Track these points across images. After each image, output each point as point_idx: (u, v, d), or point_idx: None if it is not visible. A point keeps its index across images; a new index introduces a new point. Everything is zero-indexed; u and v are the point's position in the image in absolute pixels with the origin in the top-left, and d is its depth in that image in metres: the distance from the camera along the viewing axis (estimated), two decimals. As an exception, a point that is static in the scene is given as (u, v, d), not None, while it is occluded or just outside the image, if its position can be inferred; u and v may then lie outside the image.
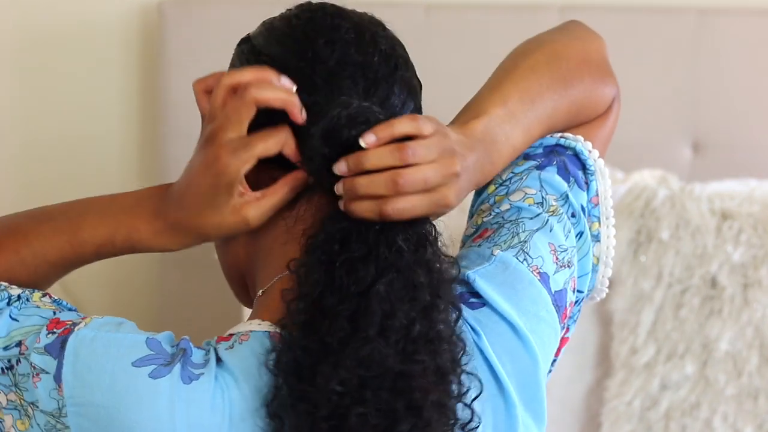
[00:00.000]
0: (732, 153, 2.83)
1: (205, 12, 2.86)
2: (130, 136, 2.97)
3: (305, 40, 1.19)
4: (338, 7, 1.24)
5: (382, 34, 1.23)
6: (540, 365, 1.21)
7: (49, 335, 1.13)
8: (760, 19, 2.84)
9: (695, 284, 2.37)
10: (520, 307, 1.21)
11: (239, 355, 1.12)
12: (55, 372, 1.11)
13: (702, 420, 2.36)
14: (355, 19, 1.23)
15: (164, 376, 1.10)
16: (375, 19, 1.25)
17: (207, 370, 1.11)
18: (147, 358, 1.10)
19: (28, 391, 1.13)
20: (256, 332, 1.14)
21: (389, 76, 1.20)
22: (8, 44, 2.94)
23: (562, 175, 1.30)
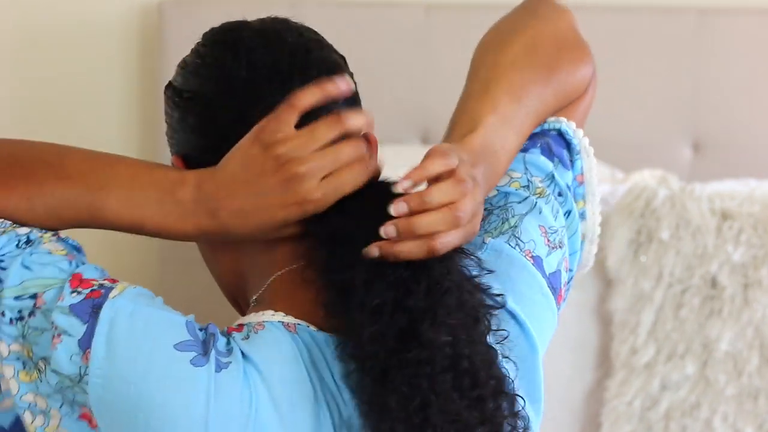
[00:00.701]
0: (732, 153, 2.83)
1: (205, 12, 2.86)
2: (130, 136, 2.97)
3: (214, 64, 1.21)
4: (237, 22, 1.26)
5: (286, 28, 1.23)
6: (538, 352, 1.22)
7: (75, 294, 1.10)
8: (760, 19, 2.85)
9: (695, 284, 2.37)
10: (516, 293, 1.21)
11: (257, 345, 1.13)
12: (83, 337, 1.08)
13: (702, 420, 2.36)
14: (256, 26, 1.24)
15: (203, 365, 1.09)
16: (277, 18, 1.26)
17: (234, 359, 1.11)
18: (188, 344, 1.10)
19: (39, 345, 1.10)
20: (270, 322, 1.15)
21: (303, 63, 1.19)
22: (8, 44, 2.94)
23: (546, 155, 1.31)
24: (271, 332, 1.14)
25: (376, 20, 2.79)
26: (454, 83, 3.10)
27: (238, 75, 1.20)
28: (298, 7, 1.66)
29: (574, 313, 2.43)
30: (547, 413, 2.55)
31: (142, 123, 2.96)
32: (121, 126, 2.97)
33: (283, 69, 1.19)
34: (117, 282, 1.13)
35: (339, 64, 1.23)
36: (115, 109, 2.96)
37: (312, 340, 1.14)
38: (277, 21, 1.25)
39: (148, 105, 2.94)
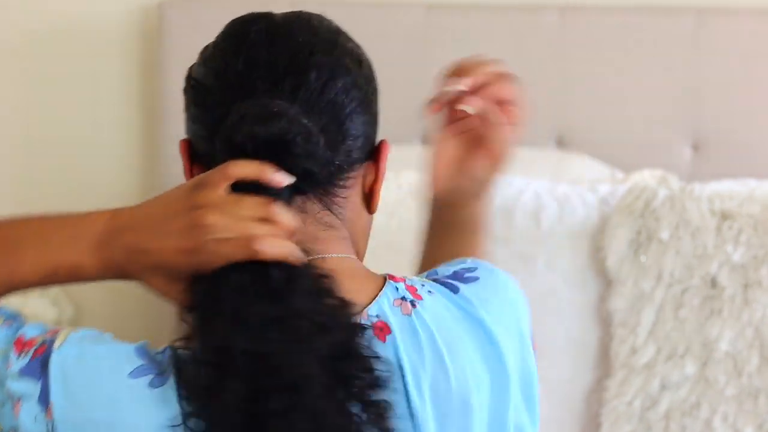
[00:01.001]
0: (732, 153, 2.83)
1: (205, 12, 2.86)
2: (130, 136, 2.97)
3: (220, 56, 1.21)
4: (256, 15, 1.25)
5: (303, 25, 1.23)
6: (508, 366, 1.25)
7: (22, 357, 1.10)
8: (760, 19, 2.85)
9: (695, 284, 2.37)
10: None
11: None
12: (40, 395, 1.09)
13: (702, 420, 2.36)
14: (272, 20, 1.23)
15: (162, 385, 1.09)
16: (302, 13, 1.25)
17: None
18: (141, 369, 1.10)
19: (4, 417, 1.10)
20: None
21: (303, 64, 1.18)
22: (8, 44, 2.94)
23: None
24: None
25: (376, 20, 2.79)
26: (454, 83, 3.07)
27: (235, 69, 1.19)
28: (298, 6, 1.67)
29: (574, 313, 2.43)
30: (547, 413, 2.56)
31: (142, 122, 2.96)
32: (121, 126, 2.97)
33: (279, 68, 1.18)
34: (58, 332, 1.13)
35: (344, 69, 1.21)
36: (115, 109, 2.96)
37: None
38: (299, 17, 1.25)
39: (148, 104, 2.94)
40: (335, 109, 1.19)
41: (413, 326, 1.18)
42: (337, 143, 1.19)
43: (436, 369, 1.18)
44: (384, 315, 1.18)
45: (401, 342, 1.17)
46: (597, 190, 2.47)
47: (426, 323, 1.19)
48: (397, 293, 1.20)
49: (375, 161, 1.25)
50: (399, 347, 1.17)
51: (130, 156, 2.96)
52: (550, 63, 2.84)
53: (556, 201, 2.45)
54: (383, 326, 1.17)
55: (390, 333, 1.17)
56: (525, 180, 2.49)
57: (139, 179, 2.95)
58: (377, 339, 1.16)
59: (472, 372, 1.20)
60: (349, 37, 1.26)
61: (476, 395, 1.20)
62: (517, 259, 2.43)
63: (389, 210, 2.50)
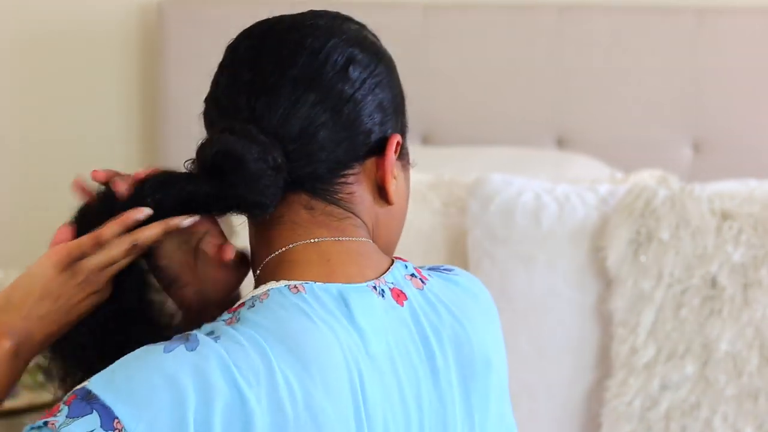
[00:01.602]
0: (732, 153, 2.83)
1: (205, 12, 2.86)
2: (130, 136, 2.97)
3: (219, 69, 1.28)
4: (256, 25, 1.29)
5: (291, 36, 1.26)
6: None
7: (59, 414, 1.12)
8: (760, 18, 2.85)
9: (695, 284, 2.37)
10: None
11: (263, 310, 1.18)
12: (102, 422, 1.11)
13: (702, 420, 2.36)
14: (264, 32, 1.28)
15: (199, 342, 1.14)
16: (303, 19, 1.29)
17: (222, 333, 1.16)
18: (169, 344, 1.14)
19: None
20: (275, 289, 1.20)
21: (277, 82, 1.24)
22: (8, 44, 2.94)
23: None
24: (275, 298, 1.19)
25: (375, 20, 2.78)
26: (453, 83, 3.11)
27: (223, 86, 1.26)
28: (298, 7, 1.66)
29: (574, 313, 2.43)
30: (547, 413, 2.56)
31: (143, 122, 2.96)
32: (121, 125, 2.97)
33: (256, 88, 1.24)
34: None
35: (322, 80, 1.24)
36: (115, 109, 2.96)
37: (323, 291, 1.20)
38: (296, 25, 1.28)
39: (148, 104, 2.94)
40: (306, 121, 1.23)
41: (427, 297, 1.27)
42: (314, 153, 1.23)
43: (456, 330, 1.26)
44: (399, 284, 1.26)
45: (419, 307, 1.25)
46: (597, 190, 2.47)
47: (438, 295, 1.28)
48: (406, 270, 1.28)
49: (382, 155, 1.27)
50: (417, 311, 1.25)
51: (130, 155, 2.96)
52: (549, 63, 2.84)
53: (556, 201, 2.45)
54: (399, 293, 1.25)
55: (407, 299, 1.25)
56: (525, 180, 2.49)
57: (138, 179, 2.95)
58: (396, 302, 1.24)
59: (487, 337, 1.29)
60: (343, 35, 1.28)
61: (494, 357, 1.29)
62: (517, 259, 2.43)
63: (389, 210, 2.50)
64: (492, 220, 2.45)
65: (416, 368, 1.22)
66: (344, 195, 1.25)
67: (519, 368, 2.41)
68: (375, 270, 1.26)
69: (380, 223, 1.29)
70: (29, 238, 2.99)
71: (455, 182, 2.59)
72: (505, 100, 2.85)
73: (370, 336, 1.20)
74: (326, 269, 1.23)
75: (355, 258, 1.25)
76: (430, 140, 2.86)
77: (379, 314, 1.22)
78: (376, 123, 1.26)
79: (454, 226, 2.54)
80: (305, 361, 1.15)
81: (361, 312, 1.20)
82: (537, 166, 2.70)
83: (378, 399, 1.18)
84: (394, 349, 1.21)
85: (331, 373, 1.16)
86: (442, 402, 1.24)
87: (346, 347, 1.18)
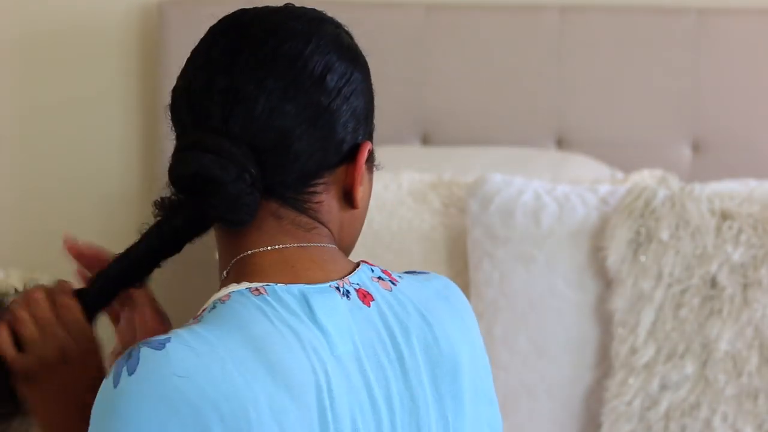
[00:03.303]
0: (732, 153, 2.83)
1: (205, 12, 2.85)
2: (130, 136, 2.97)
3: (190, 70, 1.27)
4: (226, 24, 1.31)
5: (267, 37, 1.25)
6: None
7: None
8: (760, 19, 2.85)
9: (695, 284, 2.37)
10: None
11: (222, 313, 1.19)
12: None
13: (702, 420, 2.36)
14: (237, 33, 1.28)
15: (140, 361, 1.14)
16: (275, 17, 1.28)
17: (172, 334, 1.16)
18: (115, 372, 1.15)
19: None
20: (236, 291, 1.20)
21: (253, 91, 1.23)
22: (8, 44, 2.94)
23: None
24: (236, 299, 1.19)
25: (376, 20, 2.79)
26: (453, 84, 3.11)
27: (195, 90, 1.25)
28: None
29: (574, 313, 2.43)
30: (547, 413, 2.56)
31: (143, 122, 2.96)
32: (122, 126, 2.97)
33: (230, 95, 1.23)
34: None
35: (299, 87, 1.23)
36: (116, 109, 2.96)
37: (285, 293, 1.20)
38: (270, 23, 1.27)
39: (148, 104, 2.94)
40: (282, 133, 1.22)
41: (396, 297, 1.26)
42: (288, 163, 1.23)
43: (424, 331, 1.25)
44: (364, 285, 1.25)
45: (387, 308, 1.25)
46: (597, 190, 2.47)
47: (408, 296, 1.27)
48: (373, 273, 1.27)
49: (353, 162, 1.27)
50: (385, 312, 1.24)
51: (130, 155, 2.96)
52: (549, 63, 2.84)
53: (556, 201, 2.45)
54: (366, 293, 1.24)
55: (374, 300, 1.24)
56: (525, 180, 2.49)
57: (138, 179, 2.95)
58: (362, 303, 1.23)
59: (456, 339, 1.27)
60: (321, 40, 1.26)
61: (464, 359, 1.27)
62: (517, 259, 2.43)
63: (389, 210, 2.50)
64: (492, 220, 2.45)
65: (385, 369, 1.22)
66: (313, 204, 1.25)
67: (519, 368, 2.41)
68: (340, 273, 1.25)
69: (344, 227, 1.29)
70: (29, 238, 2.99)
71: (455, 182, 2.59)
72: (505, 100, 2.85)
73: (335, 337, 1.20)
74: (290, 275, 1.23)
75: (320, 263, 1.24)
76: (430, 140, 2.86)
77: (344, 314, 1.21)
78: (349, 131, 1.25)
79: (454, 226, 2.53)
80: (267, 364, 1.15)
81: (323, 312, 1.20)
82: (537, 166, 2.70)
83: (345, 400, 1.18)
84: (361, 350, 1.21)
85: (295, 375, 1.16)
86: (415, 402, 1.23)
87: (310, 348, 1.17)
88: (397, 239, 2.45)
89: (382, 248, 2.52)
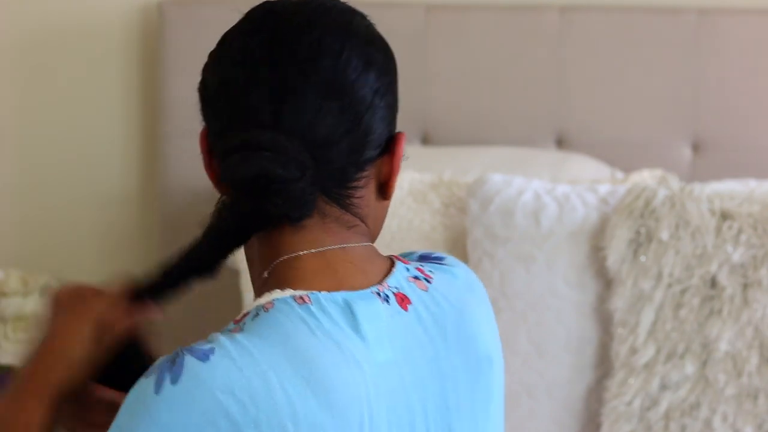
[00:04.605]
0: (732, 153, 2.83)
1: (205, 12, 2.86)
2: (130, 136, 2.97)
3: (228, 63, 1.23)
4: (259, 16, 1.25)
5: (305, 30, 1.23)
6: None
7: None
8: (760, 19, 2.85)
9: (695, 284, 2.37)
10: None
11: (267, 321, 1.16)
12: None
13: (702, 420, 2.36)
14: (274, 26, 1.23)
15: (183, 370, 1.13)
16: (309, 7, 1.25)
17: (215, 343, 1.15)
18: (157, 379, 1.13)
19: None
20: (279, 299, 1.18)
21: (300, 86, 1.20)
22: (8, 44, 2.94)
23: None
24: (280, 308, 1.17)
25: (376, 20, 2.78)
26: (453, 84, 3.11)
27: (237, 83, 1.22)
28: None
29: (574, 313, 2.43)
30: (547, 413, 2.56)
31: (142, 122, 2.96)
32: (122, 126, 2.97)
33: (278, 89, 1.20)
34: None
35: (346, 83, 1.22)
36: (116, 109, 2.96)
37: (329, 301, 1.19)
38: (306, 14, 1.24)
39: (148, 104, 2.94)
40: (330, 127, 1.21)
41: (433, 297, 1.25)
42: (335, 158, 1.22)
43: (461, 330, 1.25)
44: (402, 288, 1.24)
45: (424, 310, 1.24)
46: (597, 190, 2.47)
47: (444, 295, 1.26)
48: (408, 272, 1.27)
49: (390, 154, 1.27)
50: (422, 315, 1.23)
51: (130, 155, 2.96)
52: (549, 63, 2.84)
53: (556, 201, 2.45)
54: (403, 297, 1.24)
55: (411, 303, 1.24)
56: (525, 180, 2.50)
57: (139, 178, 2.95)
58: (400, 308, 1.23)
59: (488, 334, 1.28)
60: (358, 33, 1.26)
61: (495, 355, 1.28)
62: (517, 259, 2.43)
63: (389, 210, 2.50)
64: (492, 220, 2.45)
65: (422, 374, 1.22)
66: (355, 200, 1.24)
67: (519, 368, 2.42)
68: (378, 275, 1.25)
69: (377, 219, 1.30)
70: (29, 238, 2.99)
71: (455, 182, 2.59)
72: (506, 100, 2.85)
73: (375, 345, 1.19)
74: (333, 280, 1.21)
75: (360, 266, 1.24)
76: (430, 140, 2.86)
77: (385, 321, 1.21)
78: (387, 124, 1.26)
79: (454, 226, 2.54)
80: (309, 379, 1.14)
81: (366, 320, 1.19)
82: (537, 166, 2.70)
83: (383, 409, 1.18)
84: (400, 356, 1.21)
85: (337, 390, 1.15)
86: (447, 406, 1.23)
87: (352, 361, 1.17)
88: (397, 239, 2.45)
89: (383, 248, 2.51)
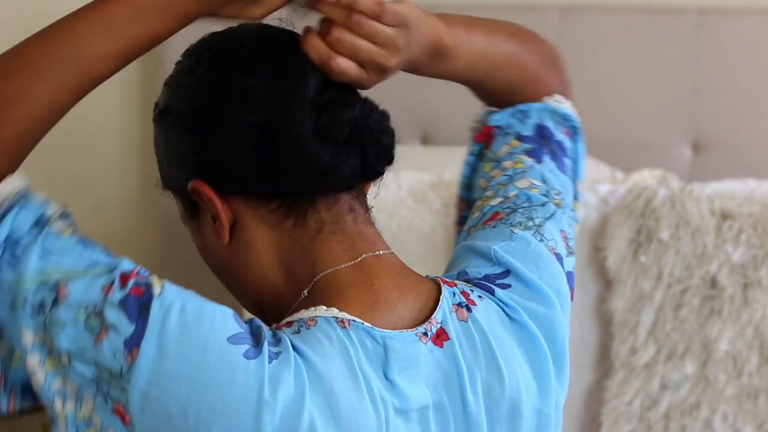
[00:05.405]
0: (732, 153, 2.83)
1: (205, 12, 2.86)
2: (130, 136, 2.97)
3: (246, 64, 1.32)
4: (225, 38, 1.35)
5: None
6: (564, 329, 1.28)
7: (121, 290, 1.10)
8: (760, 19, 2.85)
9: (695, 284, 2.37)
10: (543, 281, 1.28)
11: (309, 339, 1.15)
12: (130, 338, 1.08)
13: (702, 420, 2.36)
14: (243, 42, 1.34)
15: (256, 357, 1.10)
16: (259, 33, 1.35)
17: (283, 348, 1.13)
18: (240, 336, 1.11)
19: (60, 338, 1.09)
20: (323, 318, 1.17)
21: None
22: (8, 44, 2.94)
23: (560, 168, 1.40)
24: (322, 327, 1.16)
25: (376, 20, 2.79)
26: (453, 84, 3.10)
27: (267, 70, 1.31)
28: (298, 7, 1.69)
29: (574, 313, 2.42)
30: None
31: (142, 122, 2.96)
32: (122, 126, 2.97)
33: (308, 66, 1.24)
34: (146, 275, 1.13)
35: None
36: (116, 109, 2.96)
37: (367, 335, 1.17)
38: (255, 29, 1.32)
39: (148, 104, 2.94)
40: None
41: (470, 331, 1.22)
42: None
43: (491, 372, 1.22)
44: (445, 322, 1.22)
45: (458, 347, 1.21)
46: (597, 190, 2.47)
47: (482, 328, 1.23)
48: (454, 299, 1.24)
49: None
50: (457, 352, 1.21)
51: (130, 156, 2.96)
52: (550, 63, 2.84)
53: (556, 201, 2.45)
54: (441, 333, 1.21)
55: (448, 339, 1.21)
56: (525, 180, 2.50)
57: (138, 179, 2.95)
58: (435, 345, 1.20)
59: (522, 378, 1.25)
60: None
61: (525, 400, 1.25)
62: (517, 259, 2.43)
63: (389, 210, 2.50)
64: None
65: (447, 416, 1.20)
66: (368, 196, 1.28)
67: (519, 368, 2.42)
68: (417, 297, 1.22)
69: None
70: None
71: (455, 182, 2.59)
72: (506, 100, 2.85)
73: (404, 390, 1.17)
74: (370, 297, 1.19)
75: (396, 279, 1.22)
76: (430, 140, 2.86)
77: (418, 364, 1.18)
78: None
79: (451, 227, 2.53)
80: (335, 408, 1.13)
81: (398, 366, 1.17)
82: (537, 166, 2.70)
83: None
84: (428, 397, 1.19)
85: (360, 426, 1.13)
86: None
87: (378, 398, 1.15)
88: (398, 239, 2.45)
89: (382, 248, 2.53)
